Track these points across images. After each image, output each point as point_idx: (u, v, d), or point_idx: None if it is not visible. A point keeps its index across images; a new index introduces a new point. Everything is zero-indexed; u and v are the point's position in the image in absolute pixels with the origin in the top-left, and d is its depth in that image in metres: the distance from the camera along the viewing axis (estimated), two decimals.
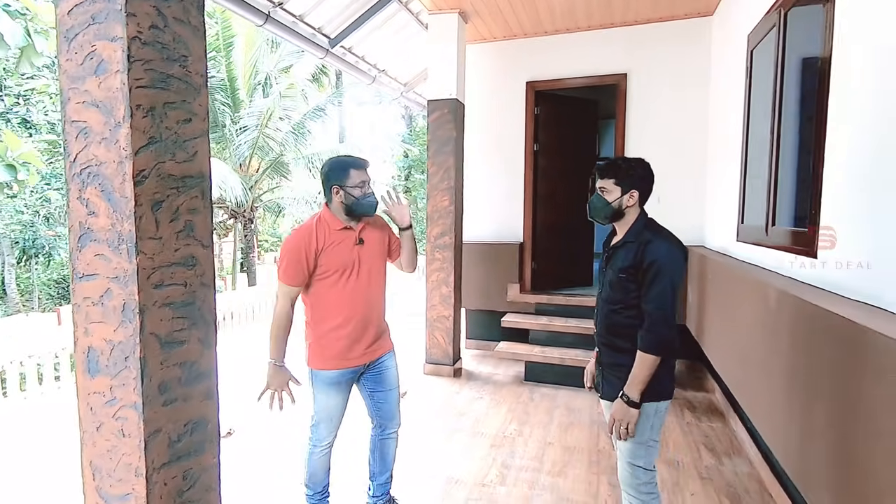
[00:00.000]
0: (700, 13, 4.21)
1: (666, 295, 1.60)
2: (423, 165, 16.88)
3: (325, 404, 2.10)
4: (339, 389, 2.09)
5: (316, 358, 2.06)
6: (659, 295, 1.60)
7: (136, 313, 1.20)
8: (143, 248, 1.21)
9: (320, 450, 2.15)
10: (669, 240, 1.68)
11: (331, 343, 2.03)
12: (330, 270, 1.99)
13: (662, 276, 1.60)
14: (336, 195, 2.01)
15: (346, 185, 1.99)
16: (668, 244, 1.66)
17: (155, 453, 1.26)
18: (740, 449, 2.96)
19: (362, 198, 2.00)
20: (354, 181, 1.99)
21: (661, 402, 1.70)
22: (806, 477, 1.81)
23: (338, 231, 2.01)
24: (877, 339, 1.29)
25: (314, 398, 2.11)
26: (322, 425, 2.12)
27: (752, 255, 2.91)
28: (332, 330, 2.03)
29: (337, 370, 2.05)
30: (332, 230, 2.01)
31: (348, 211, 2.02)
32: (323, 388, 2.08)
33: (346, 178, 1.99)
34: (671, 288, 1.61)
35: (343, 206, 2.01)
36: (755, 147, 2.92)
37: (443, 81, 4.19)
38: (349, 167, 2.01)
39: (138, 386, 1.22)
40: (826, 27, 2.03)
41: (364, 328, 2.07)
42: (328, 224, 2.02)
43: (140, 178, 1.20)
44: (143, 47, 1.19)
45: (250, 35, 11.29)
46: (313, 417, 2.14)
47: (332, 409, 2.10)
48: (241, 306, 7.17)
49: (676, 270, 1.63)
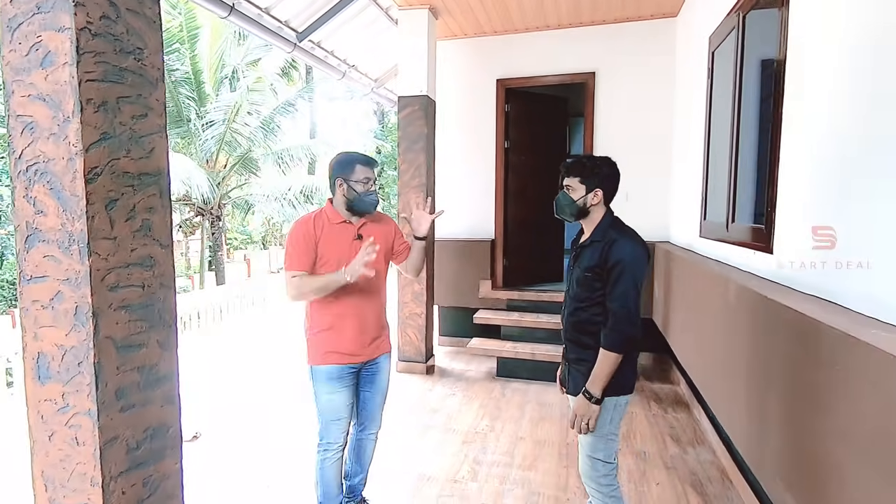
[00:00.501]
0: (665, 14, 4.31)
1: (629, 294, 1.63)
2: (395, 162, 16.77)
3: (329, 401, 2.05)
4: (342, 384, 2.05)
5: (315, 353, 2.05)
6: (623, 294, 1.63)
7: (90, 317, 1.15)
8: (97, 249, 1.16)
9: (332, 454, 2.08)
10: (634, 239, 1.70)
11: (330, 338, 2.02)
12: (326, 263, 1.99)
13: (626, 275, 1.63)
14: (339, 188, 2.02)
15: (350, 179, 2.01)
16: (632, 244, 1.68)
17: (112, 461, 1.22)
18: (703, 438, 3.06)
19: (364, 194, 2.02)
20: (359, 176, 2.01)
21: (622, 397, 1.73)
22: (762, 464, 1.88)
23: (336, 224, 2.03)
24: (827, 332, 1.36)
25: (317, 398, 2.07)
26: (332, 426, 2.06)
27: (714, 251, 3.00)
28: (330, 325, 2.02)
29: (337, 365, 2.03)
30: (330, 223, 2.03)
31: (349, 206, 2.03)
32: (325, 383, 2.04)
33: (351, 172, 2.01)
34: (634, 287, 1.64)
35: (345, 201, 2.03)
36: (717, 146, 3.02)
37: (413, 78, 4.17)
38: (356, 162, 2.03)
39: (93, 392, 1.17)
40: (781, 30, 2.10)
41: (362, 325, 2.06)
42: (328, 217, 2.04)
43: (92, 176, 1.15)
44: (94, 39, 1.14)
45: (216, 27, 10.97)
46: (320, 421, 2.09)
47: (338, 406, 2.06)
48: (208, 306, 6.98)
49: (639, 269, 1.66)
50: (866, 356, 1.17)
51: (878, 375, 1.12)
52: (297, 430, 3.16)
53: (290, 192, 12.01)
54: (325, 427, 2.08)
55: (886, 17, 1.41)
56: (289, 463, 2.79)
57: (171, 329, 1.38)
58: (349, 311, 2.03)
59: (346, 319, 2.03)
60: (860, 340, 1.18)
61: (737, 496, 2.43)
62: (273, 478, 2.65)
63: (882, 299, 1.36)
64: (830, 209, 1.69)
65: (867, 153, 1.48)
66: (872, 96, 1.47)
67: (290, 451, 2.91)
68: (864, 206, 1.48)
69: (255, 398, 3.82)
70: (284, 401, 3.73)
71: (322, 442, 2.09)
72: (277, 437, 3.12)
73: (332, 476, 2.10)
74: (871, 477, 1.17)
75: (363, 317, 2.06)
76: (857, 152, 1.54)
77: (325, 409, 2.06)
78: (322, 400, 2.06)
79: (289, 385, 4.05)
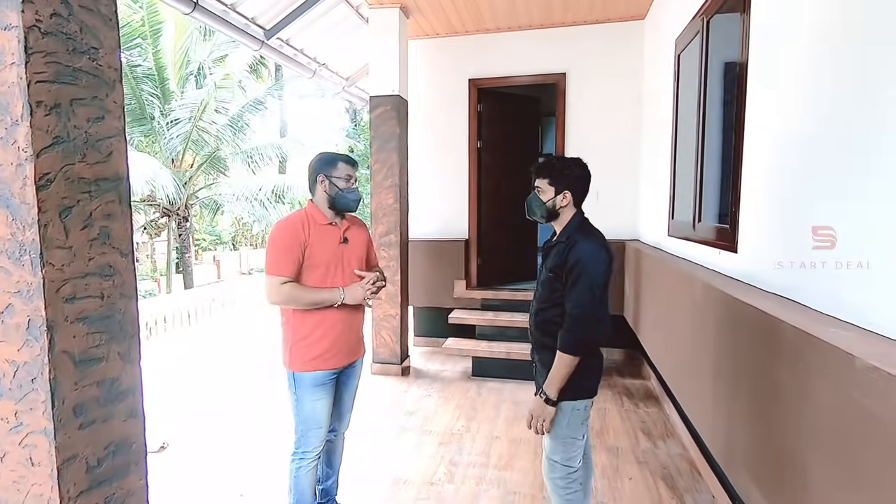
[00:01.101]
0: (633, 17, 4.40)
1: (585, 296, 1.61)
2: (368, 162, 16.61)
3: (312, 409, 2.00)
4: (325, 391, 2.02)
5: (299, 360, 1.98)
6: (579, 295, 1.62)
7: (44, 330, 1.09)
8: (50, 259, 1.10)
9: (308, 462, 2.04)
10: (596, 242, 1.69)
11: (315, 343, 1.98)
12: (314, 266, 1.95)
13: (584, 277, 1.62)
14: (321, 184, 2.00)
15: (332, 176, 1.99)
16: (593, 246, 1.66)
17: (70, 481, 1.16)
18: (673, 432, 3.14)
19: (346, 191, 2.00)
20: (341, 173, 2.00)
21: (579, 401, 1.71)
22: (728, 456, 1.94)
23: (322, 226, 2.00)
24: (788, 330, 1.40)
25: (298, 405, 2.01)
26: (311, 433, 2.02)
27: (682, 250, 3.08)
28: (315, 330, 1.98)
29: (322, 371, 1.98)
30: (316, 224, 1.99)
31: (331, 203, 2.01)
32: (309, 390, 1.99)
33: (333, 168, 2.00)
34: (590, 289, 1.61)
35: (327, 198, 2.01)
36: (683, 146, 3.09)
37: (385, 77, 4.13)
38: (338, 160, 2.03)
39: (48, 409, 1.11)
40: (743, 34, 2.17)
41: (348, 329, 2.04)
42: (313, 218, 2.00)
43: (44, 182, 1.09)
44: (44, 37, 1.08)
45: (180, 22, 10.62)
46: (298, 429, 2.04)
47: (320, 413, 2.02)
48: (175, 310, 6.78)
49: (597, 272, 1.63)
50: (825, 354, 1.21)
51: (835, 373, 1.17)
52: (270, 436, 3.10)
53: (262, 192, 11.76)
54: (303, 435, 2.03)
55: (844, 21, 1.47)
56: (262, 470, 2.73)
57: (133, 340, 1.32)
58: (335, 316, 2.00)
59: (332, 324, 1.99)
60: (820, 339, 1.23)
61: (705, 488, 2.50)
62: (246, 486, 2.59)
63: (839, 297, 1.42)
64: (793, 209, 1.75)
65: (826, 154, 1.54)
66: (830, 99, 1.52)
67: (263, 457, 2.85)
68: (830, 205, 1.54)
69: (225, 404, 3.72)
70: (256, 406, 3.65)
71: (299, 451, 2.04)
72: (249, 443, 3.05)
73: (307, 484, 2.06)
74: (828, 469, 1.21)
75: (348, 321, 2.04)
76: (815, 153, 1.60)
77: (308, 416, 2.01)
78: (306, 407, 2.01)
79: (260, 390, 3.96)
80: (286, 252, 1.91)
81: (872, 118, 1.30)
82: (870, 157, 1.30)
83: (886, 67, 1.24)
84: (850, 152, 1.39)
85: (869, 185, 1.30)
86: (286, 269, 1.91)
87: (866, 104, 1.32)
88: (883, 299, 1.23)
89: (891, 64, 1.22)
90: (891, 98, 1.22)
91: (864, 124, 1.33)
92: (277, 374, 2.07)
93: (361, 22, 4.69)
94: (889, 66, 1.23)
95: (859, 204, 1.34)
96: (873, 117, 1.29)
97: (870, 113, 1.31)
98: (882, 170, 1.24)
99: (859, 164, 1.35)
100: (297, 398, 2.01)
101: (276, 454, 2.83)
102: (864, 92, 1.34)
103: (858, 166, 1.35)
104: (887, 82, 1.24)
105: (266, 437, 3.11)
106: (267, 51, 4.33)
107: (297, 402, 2.01)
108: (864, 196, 1.32)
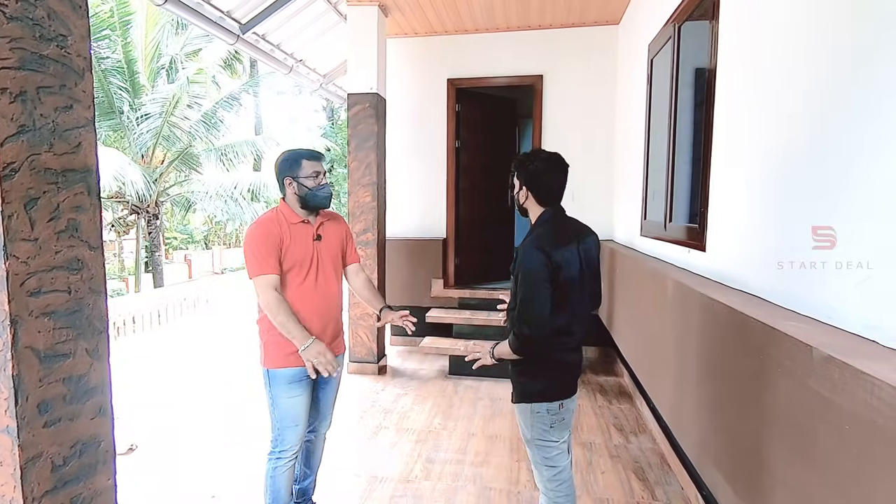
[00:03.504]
0: (608, 21, 4.49)
1: (524, 303, 1.57)
2: (345, 160, 16.47)
3: (288, 406, 1.97)
4: (302, 387, 1.98)
5: (274, 356, 1.95)
6: (521, 296, 1.59)
7: (7, 325, 1.06)
8: (15, 252, 1.07)
9: (286, 462, 2.00)
10: (533, 243, 1.62)
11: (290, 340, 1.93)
12: (290, 265, 1.93)
13: (524, 278, 1.59)
14: (289, 187, 1.97)
15: (298, 177, 1.96)
16: (528, 247, 1.61)
17: (34, 481, 1.12)
18: (645, 427, 3.22)
19: (316, 189, 1.97)
20: (307, 172, 1.96)
21: (537, 404, 1.69)
22: (697, 448, 2.01)
23: (295, 225, 1.98)
24: (752, 324, 1.46)
25: (274, 404, 1.98)
26: (288, 431, 1.98)
27: (654, 249, 3.16)
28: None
29: (298, 367, 1.94)
30: (290, 223, 1.97)
31: (303, 203, 1.98)
32: (284, 387, 1.96)
33: (298, 168, 1.96)
34: (530, 289, 1.57)
35: (297, 199, 1.98)
36: (655, 149, 3.18)
37: (363, 75, 4.11)
38: (301, 158, 1.98)
39: (11, 407, 1.08)
40: (712, 41, 2.24)
41: (324, 325, 2.01)
42: (285, 217, 1.98)
43: (8, 172, 1.05)
44: (10, 23, 1.05)
45: (152, 14, 10.34)
46: (275, 427, 2.00)
47: (297, 410, 1.98)
48: (144, 310, 6.59)
49: (531, 271, 1.58)
50: (784, 346, 1.27)
51: (792, 363, 1.23)
52: (243, 437, 3.05)
53: (237, 190, 11.54)
54: (280, 434, 2.00)
55: (806, 29, 1.54)
56: (235, 471, 2.68)
57: (101, 336, 1.29)
58: (311, 311, 1.97)
59: (308, 320, 1.96)
60: (781, 332, 1.28)
61: (675, 480, 2.57)
62: (219, 487, 2.54)
63: (791, 292, 1.48)
64: (750, 211, 1.82)
65: (788, 158, 1.61)
66: (792, 103, 1.59)
67: (236, 458, 2.81)
68: (795, 205, 1.61)
69: (196, 405, 3.64)
70: (228, 407, 3.58)
71: (276, 450, 2.01)
72: (221, 444, 3.00)
73: (284, 483, 2.04)
74: (786, 454, 1.27)
75: (323, 317, 2.02)
76: (780, 158, 1.67)
77: (284, 414, 1.98)
78: (281, 405, 1.97)
79: (232, 390, 3.89)
80: (264, 250, 1.88)
81: (834, 123, 1.36)
82: (829, 157, 1.37)
83: (848, 76, 1.31)
84: (812, 155, 1.46)
85: (831, 188, 1.37)
86: (269, 267, 1.88)
87: (831, 110, 1.39)
88: (837, 294, 1.29)
89: (854, 68, 1.29)
90: (858, 99, 1.29)
91: (822, 130, 1.40)
92: (252, 374, 2.02)
93: (340, 18, 4.66)
94: (853, 70, 1.30)
95: (822, 204, 1.41)
96: (835, 122, 1.36)
97: (834, 117, 1.38)
98: (838, 171, 1.31)
99: (825, 169, 1.42)
100: (272, 396, 1.98)
101: (250, 455, 2.79)
102: (829, 100, 1.41)
103: (824, 171, 1.42)
104: (848, 87, 1.30)
105: (240, 438, 3.06)
106: (243, 45, 4.26)
107: (273, 400, 1.98)
108: (823, 197, 1.39)
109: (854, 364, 1.00)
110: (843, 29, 1.33)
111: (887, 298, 1.13)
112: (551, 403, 1.70)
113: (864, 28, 1.24)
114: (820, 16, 1.45)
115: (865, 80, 1.23)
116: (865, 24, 1.24)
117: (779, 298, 1.60)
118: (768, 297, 1.67)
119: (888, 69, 1.14)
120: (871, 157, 1.20)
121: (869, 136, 1.21)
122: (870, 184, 1.20)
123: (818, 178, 1.42)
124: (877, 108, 1.18)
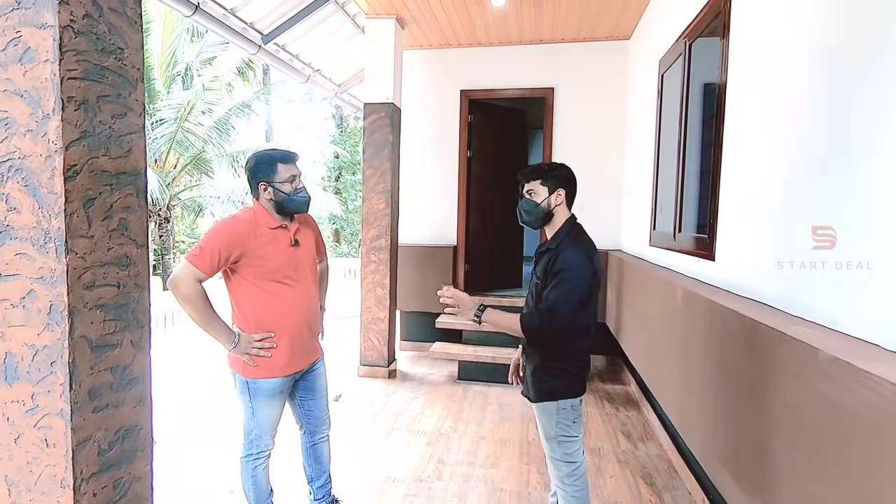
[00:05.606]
0: (619, 37, 4.58)
1: (560, 298, 1.61)
2: (353, 167, 16.64)
3: (265, 416, 1.96)
4: (281, 399, 1.99)
5: (256, 368, 1.90)
6: (556, 297, 1.62)
7: (66, 315, 1.14)
8: (74, 247, 1.16)
9: (263, 461, 2.03)
10: (583, 251, 1.68)
11: (272, 350, 1.91)
12: (270, 270, 1.88)
13: (565, 282, 1.62)
14: (264, 192, 1.89)
15: (274, 182, 1.88)
16: (580, 253, 1.66)
17: (84, 463, 1.20)
18: (652, 434, 3.26)
19: (293, 193, 1.90)
20: (283, 176, 1.88)
21: (563, 401, 1.76)
22: (704, 450, 2.05)
23: (272, 230, 1.90)
24: (761, 330, 1.52)
25: (250, 412, 1.94)
26: (265, 435, 2.00)
27: (663, 259, 3.22)
28: (274, 337, 1.91)
29: (280, 378, 1.94)
30: (266, 228, 1.89)
31: (279, 208, 1.91)
32: (264, 399, 1.93)
33: (273, 173, 1.88)
34: (566, 294, 1.61)
35: (273, 204, 1.91)
36: (665, 162, 3.25)
37: (380, 85, 4.22)
38: (276, 161, 1.89)
39: (66, 392, 1.16)
40: (722, 57, 2.32)
41: (305, 333, 1.99)
42: (263, 221, 1.90)
43: (71, 174, 1.14)
44: (77, 37, 1.14)
45: (169, 22, 10.59)
46: (251, 433, 1.98)
47: (273, 419, 2.00)
48: (154, 312, 6.69)
49: (581, 280, 1.63)
50: (791, 349, 1.33)
51: (799, 366, 1.28)
52: None
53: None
54: (258, 438, 1.98)
55: (811, 48, 1.61)
56: None
57: (144, 329, 1.37)
58: (291, 320, 1.92)
59: (289, 329, 1.92)
60: (788, 335, 1.34)
61: (682, 485, 2.61)
62: (236, 482, 2.60)
63: (798, 299, 1.54)
64: (769, 219, 1.88)
65: (796, 171, 1.67)
66: (797, 120, 1.66)
67: None
68: (802, 216, 1.68)
69: (210, 404, 3.71)
70: None
71: (254, 452, 2.00)
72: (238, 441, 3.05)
73: (264, 479, 2.06)
74: (794, 455, 1.32)
75: (304, 324, 1.97)
76: (786, 170, 1.73)
77: (261, 422, 1.96)
78: (260, 415, 1.94)
79: None
80: (216, 249, 1.79)
81: (837, 128, 1.43)
82: (830, 166, 1.43)
83: (848, 79, 1.38)
84: (818, 170, 1.53)
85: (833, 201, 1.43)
86: (208, 265, 1.78)
87: (838, 126, 1.46)
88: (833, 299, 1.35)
89: (854, 73, 1.36)
90: (854, 119, 1.36)
91: (836, 143, 1.47)
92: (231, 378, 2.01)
93: (357, 30, 4.79)
94: (852, 75, 1.37)
95: (826, 215, 1.47)
96: (837, 126, 1.43)
97: (841, 130, 1.45)
98: (844, 186, 1.38)
99: (833, 184, 1.49)
100: (252, 406, 1.93)
101: None
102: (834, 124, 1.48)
103: (833, 186, 1.49)
104: (848, 88, 1.37)
105: None
106: (263, 55, 4.39)
107: (253, 411, 1.93)
108: (824, 209, 1.45)
109: (858, 364, 1.06)
110: (846, 42, 1.40)
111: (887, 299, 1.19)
112: (574, 399, 1.79)
113: (863, 40, 1.31)
114: (820, 32, 1.52)
115: (865, 81, 1.30)
116: (864, 37, 1.31)
117: (786, 305, 1.66)
118: (778, 305, 1.72)
119: (887, 74, 1.21)
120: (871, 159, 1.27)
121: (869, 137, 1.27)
122: None
123: (822, 189, 1.48)
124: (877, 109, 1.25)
